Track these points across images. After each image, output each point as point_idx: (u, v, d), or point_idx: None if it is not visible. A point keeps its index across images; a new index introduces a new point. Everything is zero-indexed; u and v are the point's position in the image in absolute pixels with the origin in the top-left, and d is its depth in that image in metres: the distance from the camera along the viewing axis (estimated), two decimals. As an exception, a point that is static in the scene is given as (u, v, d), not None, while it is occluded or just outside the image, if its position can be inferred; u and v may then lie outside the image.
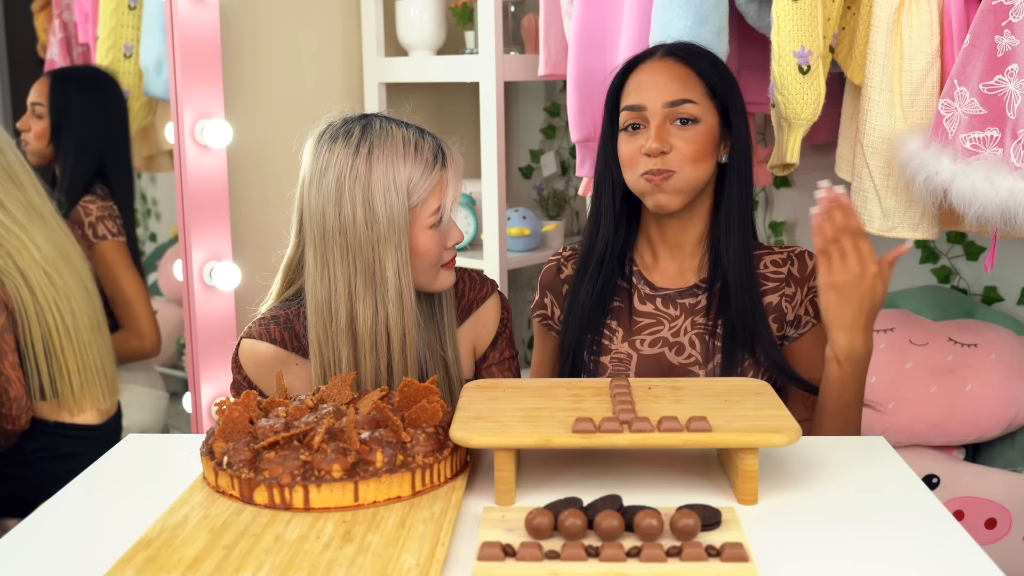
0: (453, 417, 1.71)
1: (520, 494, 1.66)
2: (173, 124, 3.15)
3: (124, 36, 3.32)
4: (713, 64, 2.20)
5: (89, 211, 3.20)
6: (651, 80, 2.17)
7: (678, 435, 1.61)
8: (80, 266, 2.93)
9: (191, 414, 3.29)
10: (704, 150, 2.14)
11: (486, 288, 2.29)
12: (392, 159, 2.02)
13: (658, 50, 2.22)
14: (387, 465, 1.61)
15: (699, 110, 2.14)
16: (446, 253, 2.12)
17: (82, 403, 2.91)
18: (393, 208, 2.02)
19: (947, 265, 3.36)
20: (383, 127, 2.07)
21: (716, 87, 2.17)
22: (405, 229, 2.03)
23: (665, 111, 2.14)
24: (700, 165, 2.14)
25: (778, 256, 2.24)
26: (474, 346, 2.28)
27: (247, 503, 1.61)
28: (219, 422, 1.69)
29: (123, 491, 1.73)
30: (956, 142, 2.33)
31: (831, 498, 1.64)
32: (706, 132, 2.15)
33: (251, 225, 3.38)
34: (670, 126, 2.14)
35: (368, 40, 3.65)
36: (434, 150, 2.07)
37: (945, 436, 3.01)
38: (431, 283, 2.12)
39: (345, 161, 2.03)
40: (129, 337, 3.27)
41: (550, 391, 1.83)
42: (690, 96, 2.14)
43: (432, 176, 2.05)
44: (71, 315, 2.85)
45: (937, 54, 2.45)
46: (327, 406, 1.76)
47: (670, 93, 2.14)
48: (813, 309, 2.19)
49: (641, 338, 2.24)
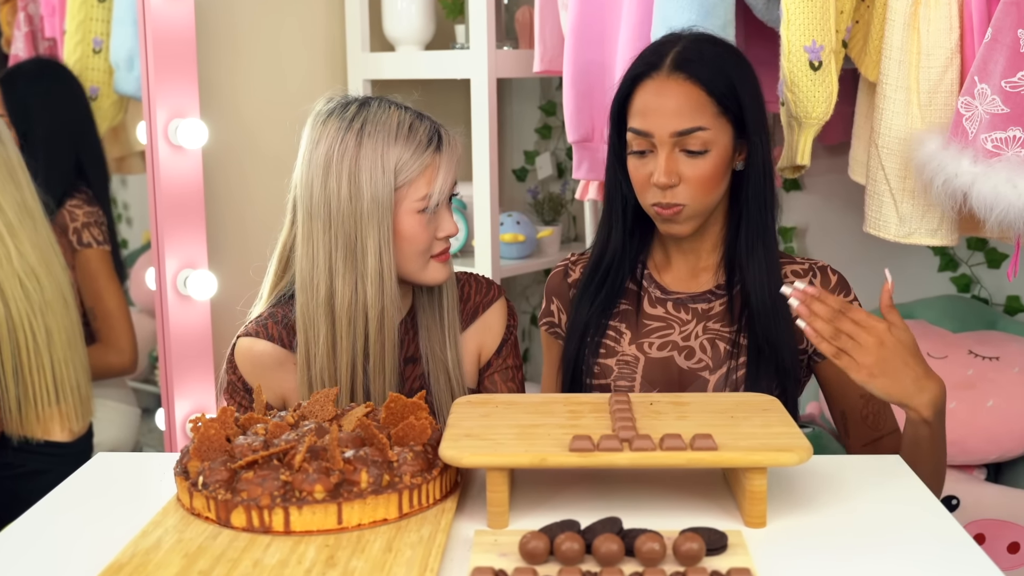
0: (443, 435, 1.71)
1: (514, 516, 1.66)
2: (145, 123, 3.14)
3: (93, 30, 3.32)
4: (724, 70, 2.15)
5: (75, 216, 3.19)
6: (657, 104, 2.14)
7: (682, 454, 1.61)
8: (61, 276, 2.92)
9: (164, 431, 3.29)
10: (715, 176, 2.15)
11: (493, 292, 2.34)
12: (383, 137, 2.10)
13: (665, 59, 2.16)
14: (372, 486, 1.61)
15: (710, 135, 2.12)
16: (436, 243, 2.16)
17: (51, 422, 2.91)
18: (378, 186, 2.09)
19: (967, 273, 3.36)
20: (381, 106, 2.15)
21: (728, 101, 2.14)
22: (389, 209, 2.09)
23: (673, 140, 2.13)
24: (712, 192, 2.16)
25: (799, 267, 2.24)
26: (479, 353, 2.32)
27: (224, 526, 1.60)
28: (194, 440, 1.69)
29: (92, 513, 1.73)
30: (977, 143, 2.34)
31: (844, 521, 1.64)
32: (717, 158, 2.14)
33: (228, 231, 3.37)
34: (679, 154, 2.13)
35: (352, 34, 3.65)
36: (429, 133, 2.13)
37: (965, 455, 3.01)
38: (419, 273, 2.16)
39: (336, 136, 2.11)
40: (107, 352, 3.27)
41: (546, 407, 1.83)
42: (699, 123, 2.12)
43: (422, 159, 2.11)
44: (44, 332, 2.84)
45: (957, 49, 2.46)
46: (309, 423, 1.76)
47: (678, 122, 2.12)
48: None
49: (650, 341, 2.25)
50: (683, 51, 2.17)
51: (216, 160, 3.31)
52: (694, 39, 2.21)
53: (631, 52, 2.79)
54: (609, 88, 2.91)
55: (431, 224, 2.14)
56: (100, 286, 3.23)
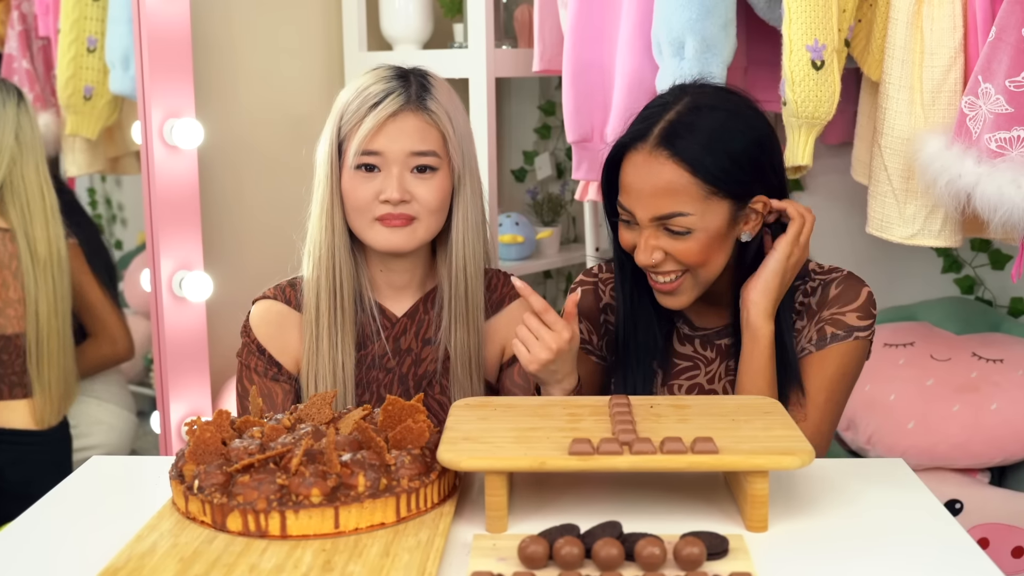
0: (441, 438, 1.71)
1: (512, 521, 1.66)
2: (140, 123, 3.14)
3: (88, 29, 3.32)
4: (720, 143, 2.04)
5: None
6: (639, 184, 2.06)
7: (682, 457, 1.61)
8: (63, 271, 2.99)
9: (159, 434, 3.29)
10: (705, 254, 2.08)
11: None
12: (348, 94, 2.20)
13: (653, 130, 2.07)
14: (370, 489, 1.61)
15: (694, 220, 2.04)
16: (378, 206, 2.16)
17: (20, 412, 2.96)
18: (327, 137, 2.20)
19: (971, 275, 3.36)
20: (377, 68, 2.24)
21: (721, 180, 2.04)
22: (330, 161, 2.19)
23: (654, 223, 2.07)
24: (707, 266, 2.10)
25: (810, 285, 2.20)
26: (503, 346, 2.32)
27: (219, 530, 1.60)
28: (189, 443, 1.69)
29: (86, 517, 1.73)
30: (981, 143, 2.34)
31: (846, 525, 1.64)
32: (706, 238, 2.06)
33: (224, 232, 3.37)
34: (662, 232, 2.07)
35: (350, 33, 3.65)
36: (379, 94, 2.16)
37: (969, 458, 3.01)
38: (364, 233, 2.20)
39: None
40: (99, 344, 3.29)
41: (545, 410, 1.83)
42: (679, 208, 2.04)
43: (357, 113, 2.16)
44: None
45: (960, 48, 2.46)
46: (305, 426, 1.76)
47: (656, 206, 2.05)
48: (817, 336, 2.15)
49: (679, 383, 2.25)
50: (673, 122, 2.06)
51: (212, 160, 3.31)
52: (690, 105, 2.08)
53: (632, 51, 2.79)
54: (609, 87, 2.92)
55: (370, 184, 2.15)
56: (73, 281, 3.23)
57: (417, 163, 2.15)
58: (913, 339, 3.16)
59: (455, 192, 2.20)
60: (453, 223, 2.22)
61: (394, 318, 2.26)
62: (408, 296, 2.28)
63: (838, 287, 2.18)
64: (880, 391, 3.08)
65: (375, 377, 2.24)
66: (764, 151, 2.09)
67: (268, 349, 2.24)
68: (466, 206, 2.21)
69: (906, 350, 3.13)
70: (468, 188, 2.21)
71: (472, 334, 2.25)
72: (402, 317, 2.27)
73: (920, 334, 3.17)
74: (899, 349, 3.13)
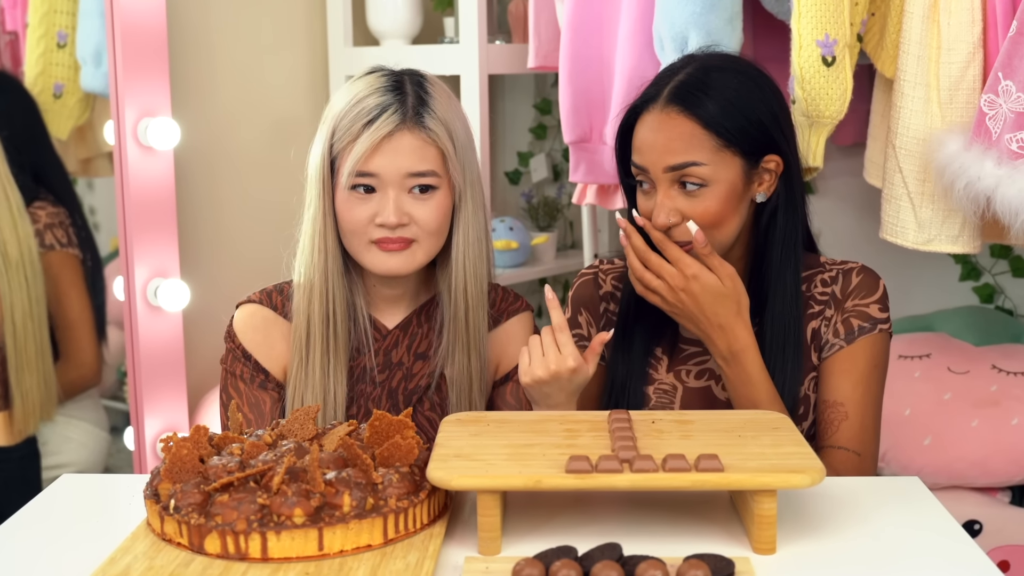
0: (431, 455, 1.71)
1: (506, 542, 1.66)
2: (113, 123, 3.15)
3: (58, 23, 3.32)
4: (729, 99, 2.12)
5: (38, 217, 3.20)
6: (652, 139, 2.12)
7: (686, 475, 1.61)
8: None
9: (133, 451, 3.29)
10: (722, 212, 2.12)
11: (520, 303, 2.35)
12: (340, 105, 2.17)
13: (663, 91, 2.14)
14: (356, 509, 1.61)
15: (708, 171, 2.09)
16: (373, 229, 2.15)
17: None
18: (319, 150, 2.18)
19: (990, 283, 3.37)
20: (370, 73, 2.22)
21: (733, 133, 2.10)
22: (322, 178, 2.17)
23: (669, 176, 2.11)
24: (723, 227, 2.13)
25: (828, 275, 2.23)
26: (497, 363, 2.32)
27: (197, 552, 1.60)
28: (165, 460, 1.69)
29: (56, 538, 1.73)
30: (1001, 143, 2.34)
31: (858, 547, 1.64)
32: (721, 193, 2.11)
33: (201, 238, 3.38)
34: (677, 191, 2.12)
35: (334, 28, 3.66)
36: (373, 108, 2.14)
37: (988, 476, 3.02)
38: (360, 256, 2.19)
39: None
40: (68, 368, 3.28)
41: (541, 425, 1.83)
42: (693, 158, 2.09)
43: (351, 131, 2.14)
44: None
45: (979, 44, 2.47)
46: (288, 442, 1.76)
47: (669, 157, 2.10)
48: (844, 329, 2.18)
49: (687, 368, 2.25)
50: (683, 82, 2.14)
51: (189, 162, 3.31)
52: (701, 66, 2.17)
53: (632, 46, 2.80)
54: (609, 85, 2.92)
55: (365, 205, 2.14)
56: (61, 292, 3.23)
57: (415, 183, 2.14)
58: (929, 351, 3.16)
59: (456, 209, 2.20)
60: (454, 242, 2.21)
61: (385, 330, 2.26)
62: (402, 308, 2.28)
63: (859, 276, 2.22)
64: (894, 405, 3.08)
65: (362, 391, 2.24)
66: (771, 108, 2.15)
67: (254, 355, 2.23)
68: (467, 223, 2.20)
69: (922, 362, 3.14)
70: (470, 204, 2.20)
71: (474, 359, 2.25)
72: (394, 329, 2.27)
73: (937, 345, 3.18)
74: (914, 361, 3.13)
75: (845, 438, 2.15)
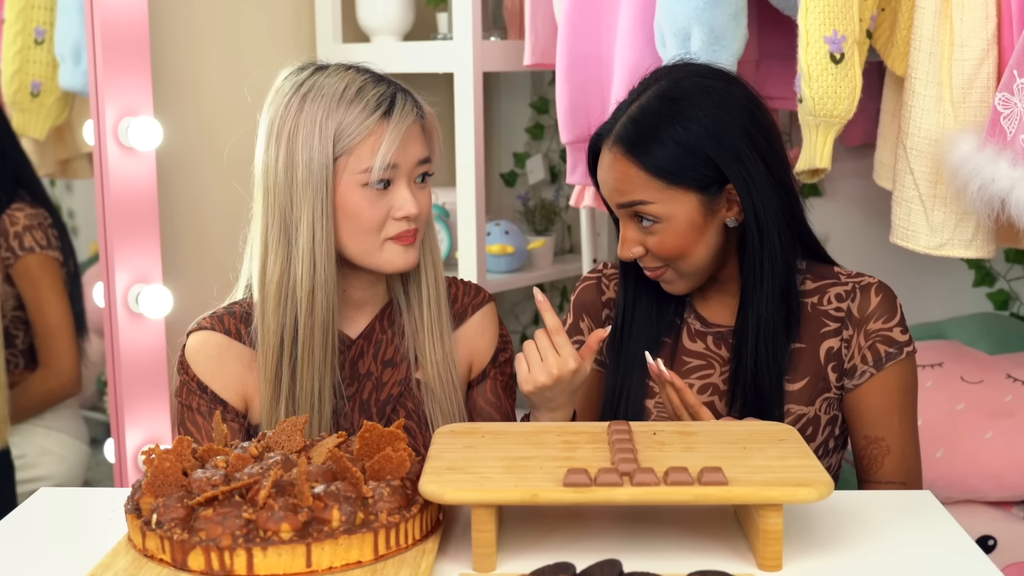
0: (423, 468, 1.71)
1: (502, 559, 1.66)
2: (93, 122, 3.14)
3: (35, 19, 3.32)
4: (673, 137, 2.10)
5: (16, 219, 3.20)
6: (603, 176, 2.19)
7: (688, 489, 1.61)
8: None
9: (114, 464, 3.28)
10: (681, 245, 2.13)
11: (482, 296, 2.34)
12: (326, 102, 2.10)
13: (614, 127, 2.17)
14: (345, 524, 1.61)
15: (658, 208, 2.11)
16: (392, 224, 2.13)
17: None
18: (313, 155, 2.09)
19: (1005, 289, 3.37)
20: (336, 70, 2.16)
21: (677, 177, 2.10)
22: (324, 181, 2.09)
23: (625, 211, 2.16)
24: (692, 254, 2.15)
25: (843, 288, 2.23)
26: (470, 362, 2.32)
27: (180, 569, 1.60)
28: (147, 473, 1.69)
29: (34, 554, 1.73)
30: (1016, 143, 2.34)
31: (868, 564, 1.65)
32: (679, 227, 2.12)
33: (184, 242, 3.38)
34: (637, 225, 2.15)
35: (323, 24, 3.66)
36: (380, 98, 2.11)
37: (1002, 490, 3.02)
38: (373, 256, 2.14)
39: (280, 102, 2.14)
40: (47, 376, 3.28)
41: (537, 437, 1.83)
42: (638, 197, 2.13)
43: (364, 125, 2.09)
44: None
45: (994, 40, 2.47)
46: (274, 455, 1.76)
47: (618, 196, 2.15)
48: (872, 356, 2.18)
49: (690, 382, 2.25)
50: (634, 118, 2.15)
51: (171, 163, 3.31)
52: (660, 94, 2.16)
53: (632, 43, 2.80)
54: (608, 83, 2.92)
55: (382, 201, 2.11)
56: (41, 296, 3.23)
57: (421, 171, 2.15)
58: (942, 359, 3.16)
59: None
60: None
61: (349, 340, 2.24)
62: (364, 315, 2.26)
63: (878, 295, 2.21)
64: (906, 416, 3.09)
65: (332, 408, 2.21)
66: (727, 137, 2.11)
67: (210, 386, 2.19)
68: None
69: (934, 371, 3.14)
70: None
71: (445, 358, 2.24)
72: (358, 339, 2.24)
73: (949, 354, 3.18)
74: (926, 370, 3.13)
75: (890, 472, 2.18)
